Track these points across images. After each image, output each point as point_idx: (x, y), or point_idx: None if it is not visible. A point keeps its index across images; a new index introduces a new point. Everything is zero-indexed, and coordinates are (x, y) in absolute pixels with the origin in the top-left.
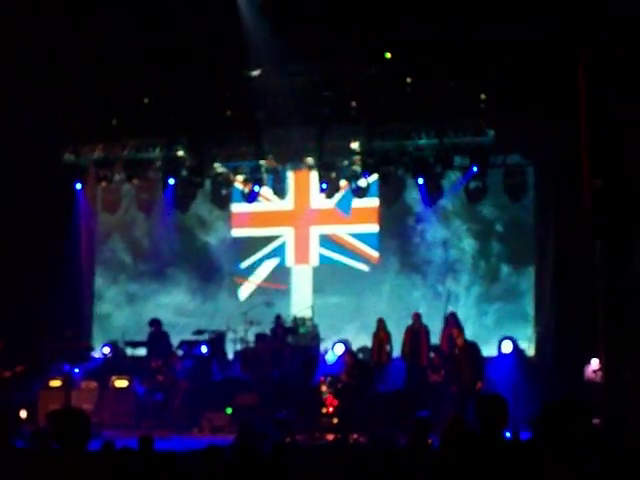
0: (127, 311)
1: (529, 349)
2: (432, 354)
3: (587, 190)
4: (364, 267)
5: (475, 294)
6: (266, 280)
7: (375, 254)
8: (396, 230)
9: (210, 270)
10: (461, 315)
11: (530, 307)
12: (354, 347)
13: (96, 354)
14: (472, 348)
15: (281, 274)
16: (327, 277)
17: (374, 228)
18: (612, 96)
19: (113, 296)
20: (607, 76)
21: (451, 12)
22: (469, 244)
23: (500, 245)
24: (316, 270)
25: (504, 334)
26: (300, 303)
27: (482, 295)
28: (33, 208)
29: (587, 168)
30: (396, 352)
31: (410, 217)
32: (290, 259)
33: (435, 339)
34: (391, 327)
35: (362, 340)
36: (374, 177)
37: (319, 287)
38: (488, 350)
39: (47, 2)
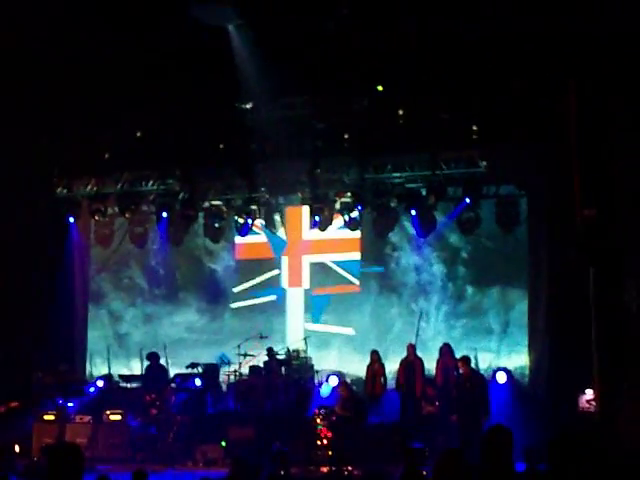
0: (144, 329)
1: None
2: (427, 386)
3: (579, 219)
4: (348, 290)
5: (444, 311)
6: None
7: (356, 281)
8: (375, 257)
9: (216, 293)
10: (432, 330)
11: (493, 322)
12: (347, 377)
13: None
14: (478, 378)
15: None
16: (317, 298)
17: (356, 256)
18: (603, 125)
19: (131, 317)
20: (598, 105)
21: (442, 44)
22: (438, 269)
23: (465, 269)
24: (307, 292)
25: (470, 345)
26: (293, 322)
27: (450, 312)
28: (26, 241)
29: (579, 197)
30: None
31: (387, 246)
32: (284, 282)
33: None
34: (373, 340)
35: (348, 351)
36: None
37: (310, 306)
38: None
39: (41, 36)
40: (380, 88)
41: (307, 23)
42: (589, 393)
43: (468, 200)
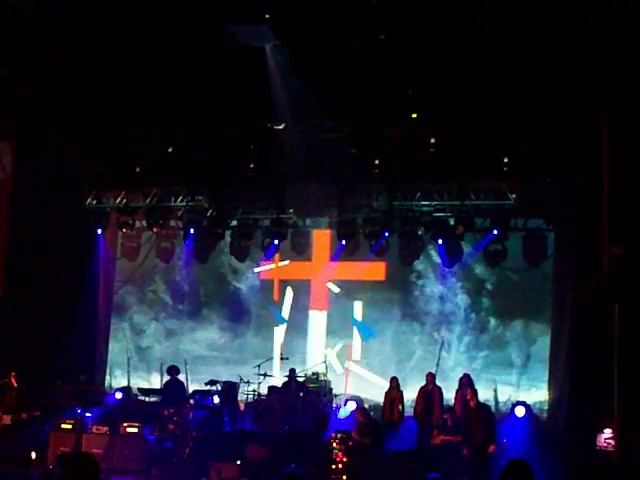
0: (165, 344)
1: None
2: (445, 415)
3: (606, 257)
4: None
5: (466, 342)
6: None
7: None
8: (399, 284)
9: (239, 312)
10: (452, 360)
11: (515, 355)
12: (365, 403)
13: (114, 397)
14: (484, 410)
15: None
16: (339, 321)
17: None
18: (634, 161)
19: (153, 331)
20: (630, 140)
21: (477, 75)
22: (462, 299)
23: (489, 301)
24: (330, 315)
25: (490, 377)
26: (315, 344)
27: (472, 343)
28: (54, 250)
29: (607, 235)
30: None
31: (412, 273)
32: (308, 304)
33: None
34: (393, 367)
35: (368, 376)
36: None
37: (332, 330)
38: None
39: (73, 51)
40: (414, 115)
41: (343, 47)
42: (607, 432)
43: (496, 232)
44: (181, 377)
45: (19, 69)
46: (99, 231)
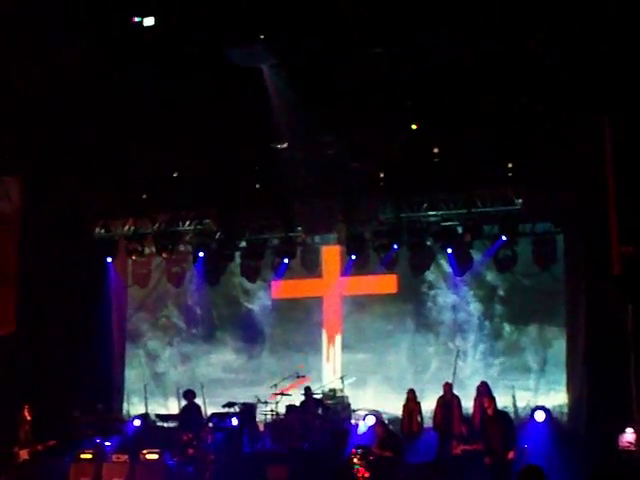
0: (181, 369)
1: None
2: (464, 424)
3: (616, 256)
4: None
5: (481, 350)
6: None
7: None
8: (412, 296)
9: (253, 332)
10: (469, 369)
11: (531, 360)
12: (384, 416)
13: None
14: (502, 417)
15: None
16: (354, 336)
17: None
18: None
19: (168, 356)
20: (634, 140)
21: (477, 82)
22: (475, 307)
23: (502, 307)
24: (344, 331)
25: (507, 383)
26: (331, 360)
27: (487, 351)
28: (65, 281)
29: (616, 235)
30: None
31: (424, 284)
32: (321, 321)
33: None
34: (410, 379)
35: (385, 390)
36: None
37: (347, 345)
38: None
39: (79, 78)
40: (414, 127)
41: (341, 62)
42: (629, 432)
43: (504, 238)
44: (198, 401)
45: (24, 103)
46: (109, 260)
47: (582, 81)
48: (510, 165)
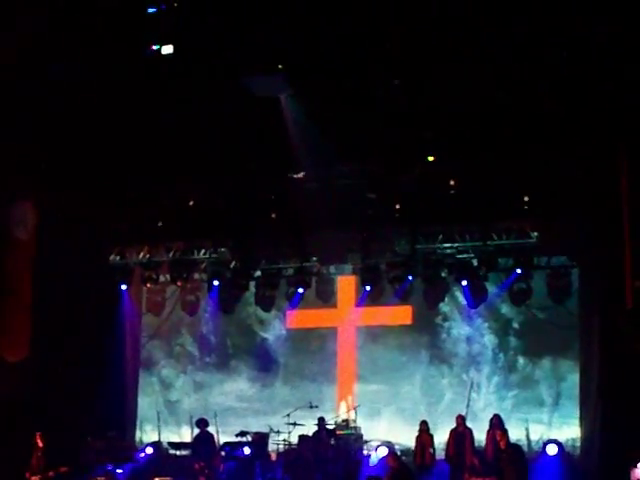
0: (194, 397)
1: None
2: (476, 457)
3: (630, 290)
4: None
5: (495, 382)
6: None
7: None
8: (426, 327)
9: (267, 362)
10: (482, 401)
11: (545, 393)
12: (396, 447)
13: (145, 452)
14: (515, 451)
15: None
16: (368, 367)
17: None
18: None
19: (182, 384)
20: None
21: (494, 114)
22: (489, 339)
23: (516, 340)
24: (358, 362)
25: (521, 416)
26: (344, 391)
27: (501, 383)
28: (79, 308)
29: (630, 268)
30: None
31: (438, 316)
32: (336, 351)
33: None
34: (423, 411)
35: (399, 421)
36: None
37: (362, 375)
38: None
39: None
40: (431, 158)
41: (359, 93)
42: None
43: (519, 271)
44: (211, 429)
45: (39, 129)
46: (123, 287)
47: (597, 113)
48: (526, 198)
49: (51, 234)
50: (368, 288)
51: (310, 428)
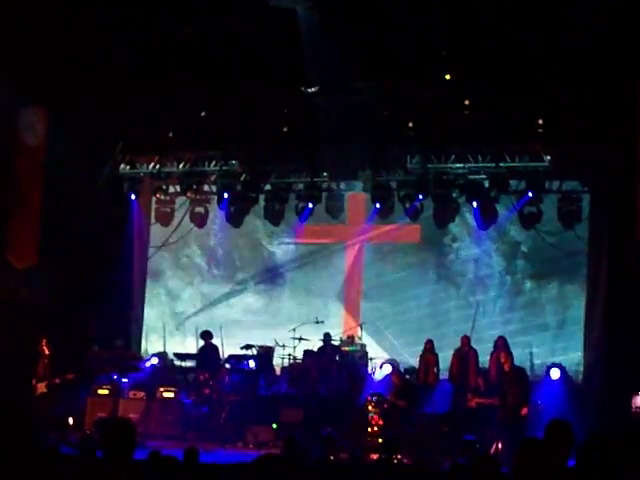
0: (200, 309)
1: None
2: (480, 378)
3: (639, 222)
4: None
5: (501, 305)
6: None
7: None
8: (434, 247)
9: (274, 276)
10: (487, 323)
11: (550, 318)
12: (401, 365)
13: (150, 362)
14: (519, 373)
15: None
16: (375, 284)
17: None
18: None
19: (188, 296)
20: None
21: (511, 35)
22: (497, 262)
23: (524, 263)
24: (365, 279)
25: (525, 340)
26: (350, 308)
27: (507, 306)
28: (87, 217)
29: None
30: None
31: (447, 236)
32: (343, 268)
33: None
34: (428, 330)
35: (404, 339)
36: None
37: (368, 293)
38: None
39: (105, 18)
40: (448, 77)
41: (377, 8)
42: None
43: (531, 194)
44: (216, 341)
45: (52, 36)
46: (133, 196)
47: (615, 39)
48: (540, 121)
49: (61, 142)
50: (378, 205)
51: (315, 343)
